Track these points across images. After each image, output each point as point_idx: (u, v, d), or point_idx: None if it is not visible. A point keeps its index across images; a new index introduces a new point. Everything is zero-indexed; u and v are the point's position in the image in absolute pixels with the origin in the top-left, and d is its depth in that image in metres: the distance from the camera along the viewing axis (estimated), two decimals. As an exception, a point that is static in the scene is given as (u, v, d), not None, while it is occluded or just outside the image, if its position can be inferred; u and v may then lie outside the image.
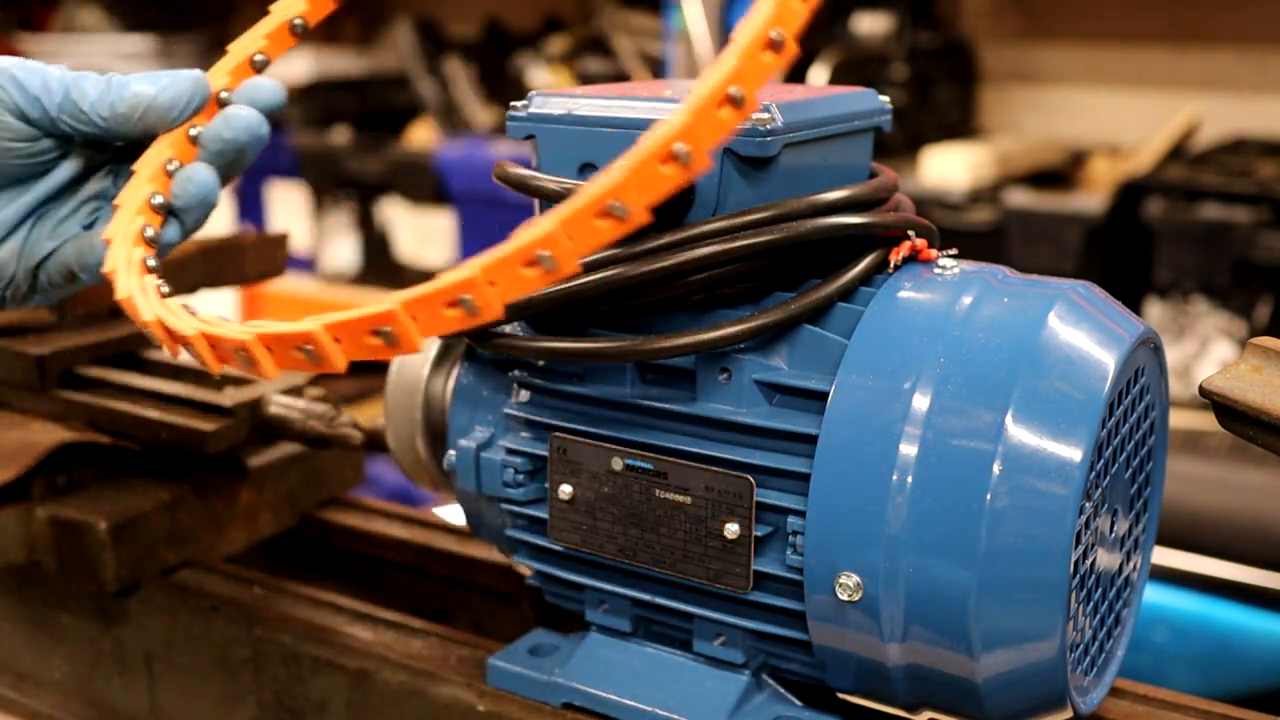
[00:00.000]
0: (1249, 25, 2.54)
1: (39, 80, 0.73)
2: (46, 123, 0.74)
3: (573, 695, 0.75)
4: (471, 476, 0.77)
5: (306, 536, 1.06)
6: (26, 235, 0.77)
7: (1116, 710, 0.75)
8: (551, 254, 0.54)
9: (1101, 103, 2.69)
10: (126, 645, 0.93)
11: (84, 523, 0.89)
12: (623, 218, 0.54)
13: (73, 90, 0.73)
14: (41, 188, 0.77)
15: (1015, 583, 0.61)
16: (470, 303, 0.55)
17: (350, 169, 2.96)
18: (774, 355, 0.69)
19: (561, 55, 2.97)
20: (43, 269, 0.77)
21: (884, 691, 0.68)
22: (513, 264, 0.55)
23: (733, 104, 0.55)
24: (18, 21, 3.88)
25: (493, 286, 0.55)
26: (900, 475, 0.62)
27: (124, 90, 0.74)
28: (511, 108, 0.74)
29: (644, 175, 0.54)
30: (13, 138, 0.74)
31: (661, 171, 0.54)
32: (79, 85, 0.74)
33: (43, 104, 0.73)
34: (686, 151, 0.53)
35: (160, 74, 0.75)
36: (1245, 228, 1.96)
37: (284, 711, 0.85)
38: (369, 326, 0.57)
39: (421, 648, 0.83)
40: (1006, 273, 0.70)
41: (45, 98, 0.73)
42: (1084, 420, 0.61)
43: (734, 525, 0.68)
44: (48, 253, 0.77)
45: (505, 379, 0.77)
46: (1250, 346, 0.67)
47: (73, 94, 0.73)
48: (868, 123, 0.75)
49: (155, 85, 0.74)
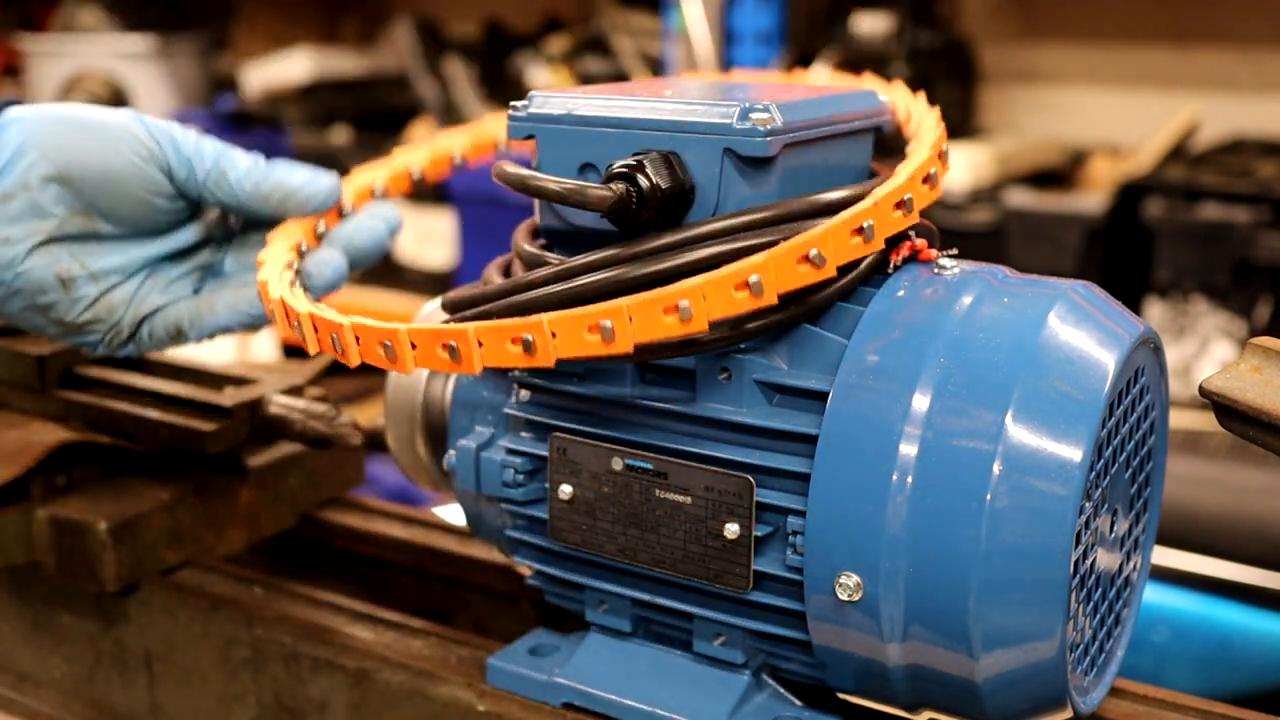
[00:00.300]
0: (1249, 25, 2.54)
1: (194, 145, 0.80)
2: (192, 186, 0.80)
3: (573, 695, 0.75)
4: (471, 476, 0.77)
5: (306, 536, 1.06)
6: (139, 286, 0.82)
7: (1116, 710, 0.75)
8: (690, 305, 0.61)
9: (1101, 103, 2.68)
10: (126, 645, 0.93)
11: (84, 523, 0.89)
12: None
13: (223, 160, 0.80)
14: (165, 244, 0.83)
15: (1015, 583, 0.61)
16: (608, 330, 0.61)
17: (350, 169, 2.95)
18: (774, 355, 0.69)
19: (561, 55, 2.97)
20: (148, 322, 0.83)
21: (884, 691, 0.68)
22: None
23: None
24: (18, 21, 3.88)
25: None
26: (900, 475, 0.62)
27: (270, 173, 0.81)
28: (512, 108, 0.74)
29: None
30: (158, 193, 0.79)
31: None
32: (229, 157, 0.80)
33: (193, 167, 0.79)
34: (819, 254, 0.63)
35: (300, 168, 0.82)
36: (1245, 228, 1.96)
37: (284, 711, 0.85)
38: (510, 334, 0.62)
39: (421, 648, 0.83)
40: (1006, 273, 0.70)
41: (197, 162, 0.79)
42: (1084, 420, 0.61)
43: (734, 525, 0.68)
44: (155, 308, 0.83)
45: (505, 379, 0.77)
46: (1250, 346, 0.67)
47: (222, 163, 0.80)
48: (868, 123, 0.75)
49: (298, 177, 0.81)
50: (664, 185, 0.67)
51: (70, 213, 0.77)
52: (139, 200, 0.78)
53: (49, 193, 0.76)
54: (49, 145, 0.75)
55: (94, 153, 0.76)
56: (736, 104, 0.67)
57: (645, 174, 0.67)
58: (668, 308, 0.61)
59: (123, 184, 0.77)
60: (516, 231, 0.77)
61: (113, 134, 0.77)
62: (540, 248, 0.74)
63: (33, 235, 0.76)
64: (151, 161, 0.77)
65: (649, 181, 0.67)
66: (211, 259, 0.85)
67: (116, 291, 0.80)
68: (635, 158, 0.67)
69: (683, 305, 0.60)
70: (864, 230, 0.64)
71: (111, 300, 0.80)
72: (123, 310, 0.81)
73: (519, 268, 0.75)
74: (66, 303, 0.79)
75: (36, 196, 0.76)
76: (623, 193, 0.66)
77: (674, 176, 0.67)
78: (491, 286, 0.73)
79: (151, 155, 0.77)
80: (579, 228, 0.72)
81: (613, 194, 0.66)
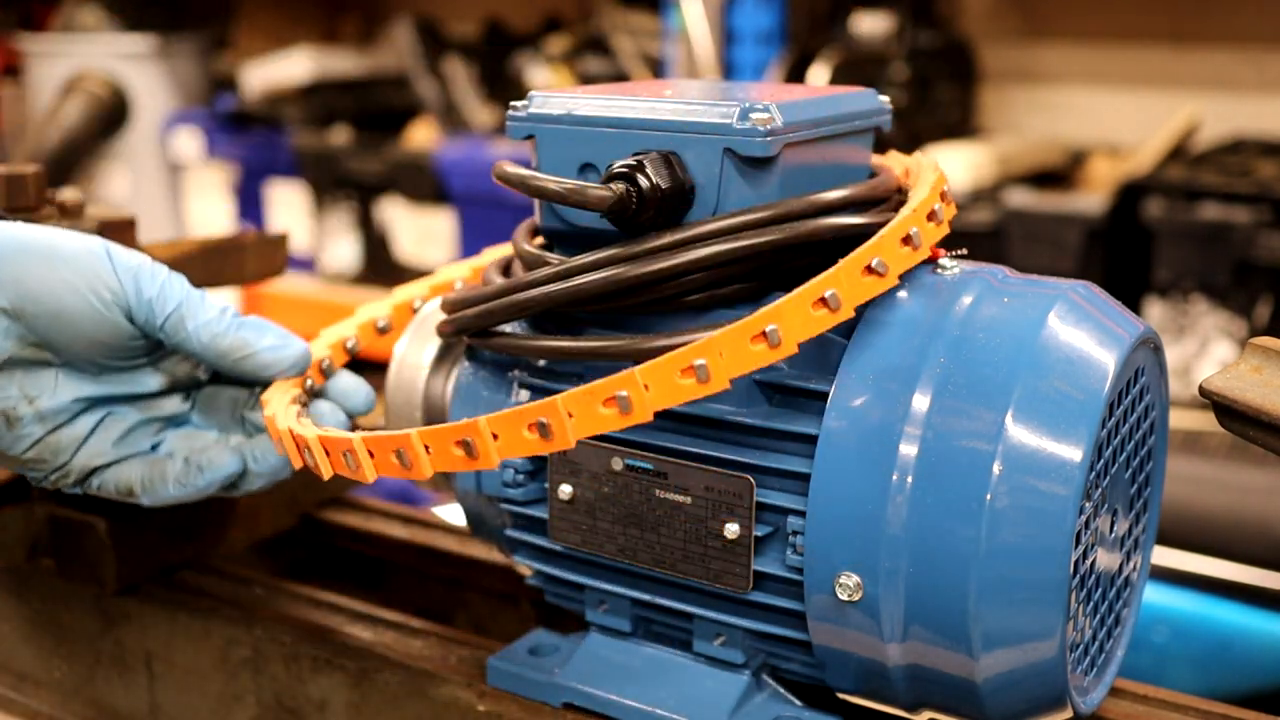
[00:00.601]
0: (1249, 25, 2.54)
1: (158, 287, 0.74)
2: (150, 328, 0.75)
3: (573, 695, 0.75)
4: (471, 476, 0.77)
5: (306, 536, 1.06)
6: (91, 430, 0.77)
7: (1116, 710, 0.75)
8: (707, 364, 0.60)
9: (1101, 103, 2.68)
10: (126, 645, 0.93)
11: (84, 523, 0.89)
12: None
13: (185, 306, 0.74)
14: (122, 386, 0.78)
15: (1015, 583, 0.61)
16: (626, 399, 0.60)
17: (350, 169, 2.95)
18: (774, 355, 0.69)
19: (561, 55, 2.97)
20: (99, 474, 0.78)
21: (884, 691, 0.68)
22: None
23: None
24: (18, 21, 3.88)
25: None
26: (900, 475, 0.62)
27: (233, 330, 0.75)
28: (511, 108, 0.74)
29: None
30: (112, 334, 0.74)
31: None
32: (193, 304, 0.75)
33: (152, 310, 0.74)
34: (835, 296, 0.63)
35: (272, 328, 0.77)
36: (1245, 228, 1.96)
37: (284, 711, 0.85)
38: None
39: (421, 648, 0.83)
40: (1006, 273, 0.70)
41: (158, 305, 0.74)
42: (1084, 420, 0.61)
43: (734, 525, 0.68)
44: (107, 462, 0.77)
45: (505, 379, 0.77)
46: (1250, 346, 0.67)
47: (184, 309, 0.74)
48: (868, 123, 0.75)
49: (264, 339, 0.76)
50: (664, 185, 0.67)
51: (20, 345, 0.73)
52: (94, 340, 0.74)
53: (1, 324, 0.72)
54: (6, 276, 0.71)
55: (54, 289, 0.72)
56: (736, 104, 0.67)
57: (645, 174, 0.67)
58: (684, 369, 0.60)
59: (78, 324, 0.73)
60: (516, 232, 0.77)
61: (75, 270, 0.72)
62: (540, 248, 0.74)
63: None
64: (113, 304, 0.73)
65: (649, 181, 0.67)
66: (176, 410, 0.81)
67: (63, 433, 0.76)
68: (635, 158, 0.67)
69: (699, 364, 0.59)
70: (827, 301, 0.63)
71: (58, 442, 0.76)
72: (69, 454, 0.76)
73: (519, 268, 0.75)
74: (10, 438, 0.75)
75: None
76: (623, 193, 0.66)
77: (674, 176, 0.67)
78: (491, 286, 0.73)
79: (114, 297, 0.73)
80: (579, 228, 0.72)
81: (613, 194, 0.66)
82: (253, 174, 3.17)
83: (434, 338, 0.82)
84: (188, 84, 3.48)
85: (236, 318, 0.75)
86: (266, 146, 3.13)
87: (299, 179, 3.08)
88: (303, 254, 3.09)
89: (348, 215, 3.03)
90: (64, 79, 3.38)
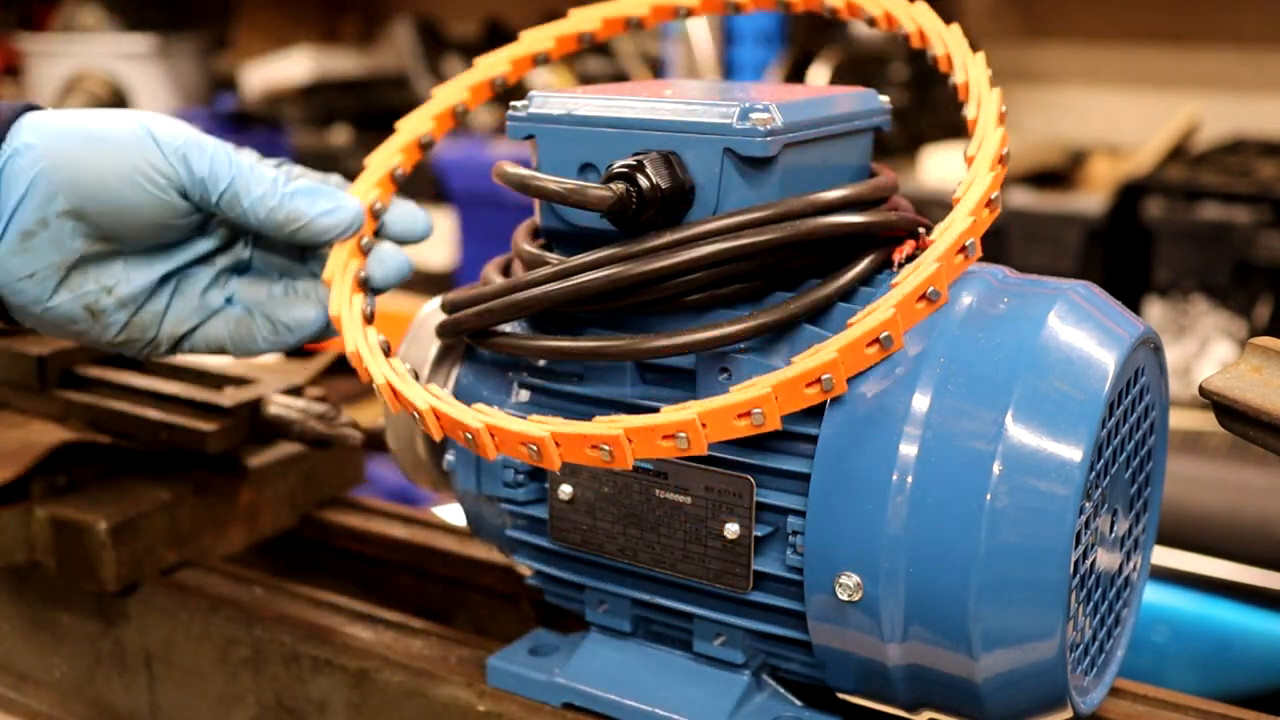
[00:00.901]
0: (1249, 25, 2.54)
1: (208, 164, 0.76)
2: (206, 205, 0.77)
3: (573, 695, 0.75)
4: (471, 477, 0.77)
5: (306, 536, 1.06)
6: (169, 301, 0.80)
7: (1116, 710, 0.75)
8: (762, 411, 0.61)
9: (1101, 103, 2.69)
10: (126, 645, 0.93)
11: (84, 523, 0.89)
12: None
13: (238, 181, 0.76)
14: (182, 256, 0.81)
15: (1015, 583, 0.61)
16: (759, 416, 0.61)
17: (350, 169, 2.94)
18: (774, 355, 0.69)
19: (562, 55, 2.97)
20: (188, 339, 0.82)
21: (884, 691, 0.68)
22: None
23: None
24: (18, 21, 3.88)
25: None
26: (900, 475, 0.62)
27: (286, 201, 0.77)
28: (511, 108, 0.74)
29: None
30: (172, 215, 0.77)
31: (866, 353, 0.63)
32: (244, 179, 0.77)
33: (206, 188, 0.76)
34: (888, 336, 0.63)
35: (323, 192, 0.79)
36: (1245, 228, 1.96)
37: (284, 711, 0.85)
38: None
39: (421, 648, 0.83)
40: (1006, 273, 0.70)
41: (210, 183, 0.76)
42: (1084, 420, 0.61)
43: (734, 525, 0.68)
44: (194, 325, 0.81)
45: (505, 379, 0.77)
46: (1250, 346, 0.67)
47: (237, 185, 0.76)
48: (868, 123, 0.75)
49: (316, 206, 0.78)
50: (664, 185, 0.67)
51: (90, 242, 0.76)
52: (157, 224, 0.76)
53: (68, 227, 0.75)
54: (64, 178, 0.74)
55: (109, 184, 0.74)
56: (736, 104, 0.67)
57: (645, 174, 0.67)
58: (740, 413, 0.61)
59: (139, 212, 0.75)
60: (516, 232, 0.77)
61: (126, 160, 0.74)
62: (540, 248, 0.74)
63: (57, 271, 0.76)
64: (168, 188, 0.75)
65: (649, 181, 0.67)
66: (239, 258, 0.84)
67: (146, 311, 0.79)
68: (635, 158, 0.67)
69: (755, 413, 0.61)
70: (881, 341, 0.63)
71: (143, 320, 0.79)
72: (155, 328, 0.80)
73: (519, 268, 0.75)
74: (98, 329, 0.78)
75: (56, 233, 0.74)
76: (623, 193, 0.66)
77: (674, 176, 0.67)
78: (491, 286, 0.73)
79: (168, 181, 0.75)
80: (579, 228, 0.72)
81: (613, 194, 0.66)
82: (252, 174, 3.17)
83: (433, 338, 0.82)
84: (188, 84, 3.48)
85: (289, 184, 0.78)
86: (266, 146, 3.11)
87: (299, 179, 3.08)
88: (303, 254, 3.08)
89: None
90: (64, 79, 3.38)
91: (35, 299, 0.76)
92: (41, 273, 0.75)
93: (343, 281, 0.77)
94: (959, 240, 0.66)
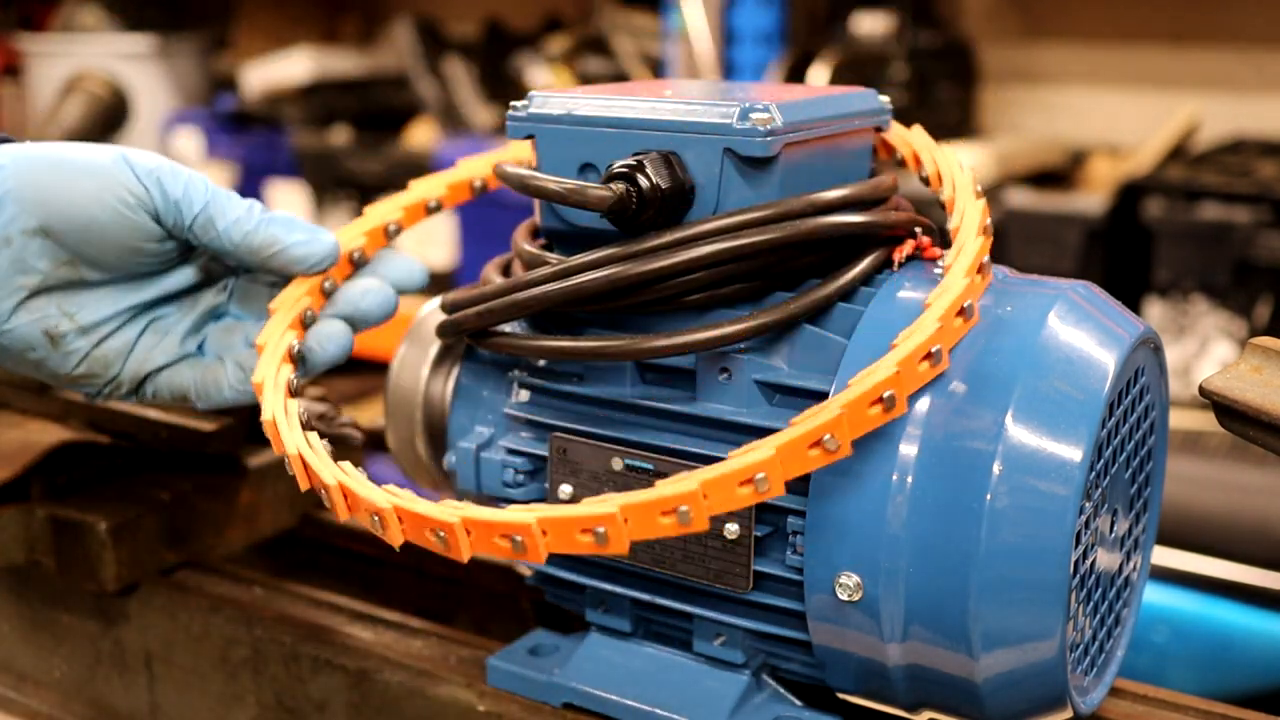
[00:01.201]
0: (1249, 25, 2.54)
1: (182, 188, 0.74)
2: (179, 230, 0.75)
3: (573, 695, 0.75)
4: (471, 476, 0.77)
5: (306, 536, 1.06)
6: (136, 338, 0.78)
7: (1116, 710, 0.75)
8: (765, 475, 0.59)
9: (1101, 103, 2.68)
10: (126, 645, 0.93)
11: (84, 523, 0.89)
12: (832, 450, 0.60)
13: (212, 206, 0.74)
14: (156, 288, 0.78)
15: (1015, 583, 0.61)
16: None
17: (350, 169, 2.96)
18: (774, 355, 0.69)
19: (561, 55, 2.97)
20: (151, 380, 0.78)
21: (884, 691, 0.68)
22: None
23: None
24: (17, 21, 3.88)
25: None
26: (900, 475, 0.62)
27: (262, 226, 0.75)
28: (511, 108, 0.74)
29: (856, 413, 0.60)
30: (146, 239, 0.75)
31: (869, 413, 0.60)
32: (219, 204, 0.75)
33: (180, 211, 0.74)
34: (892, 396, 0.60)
35: (300, 224, 0.77)
36: (1245, 228, 1.96)
37: (284, 711, 0.85)
38: (580, 526, 0.58)
39: (421, 648, 0.83)
40: (1006, 273, 0.70)
41: (184, 206, 0.74)
42: (1084, 420, 0.61)
43: (734, 525, 0.68)
44: (159, 366, 0.78)
45: (505, 379, 0.77)
46: (1250, 346, 0.67)
47: (211, 209, 0.74)
48: (868, 123, 0.75)
49: (292, 235, 0.76)
50: (664, 185, 0.67)
51: (55, 264, 0.73)
52: (126, 248, 0.74)
53: (33, 246, 0.72)
54: (31, 197, 0.72)
55: (79, 203, 0.72)
56: (736, 104, 0.67)
57: (645, 174, 0.67)
58: (743, 480, 0.58)
59: (108, 233, 0.73)
60: (516, 232, 0.77)
61: (98, 181, 0.73)
62: (540, 248, 0.74)
63: (17, 291, 0.73)
64: (139, 208, 0.73)
65: (649, 181, 0.67)
66: (214, 301, 0.81)
67: (110, 344, 0.77)
68: (635, 158, 0.67)
69: (759, 478, 0.58)
70: (884, 400, 0.61)
71: (106, 353, 0.77)
72: (119, 364, 0.77)
73: (519, 267, 0.75)
74: (57, 358, 0.75)
75: (19, 252, 0.72)
76: (623, 193, 0.66)
77: (674, 176, 0.67)
78: (491, 286, 0.73)
79: (139, 202, 0.73)
80: (579, 228, 0.72)
81: (613, 194, 0.66)
82: (253, 174, 3.17)
83: (433, 338, 0.82)
84: (188, 84, 3.48)
85: (265, 213, 0.76)
86: (266, 146, 3.13)
87: (299, 179, 3.08)
88: (303, 254, 3.09)
89: (347, 215, 3.03)
90: (64, 79, 3.37)
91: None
92: (2, 294, 0.73)
93: (275, 349, 0.74)
94: (925, 345, 0.62)
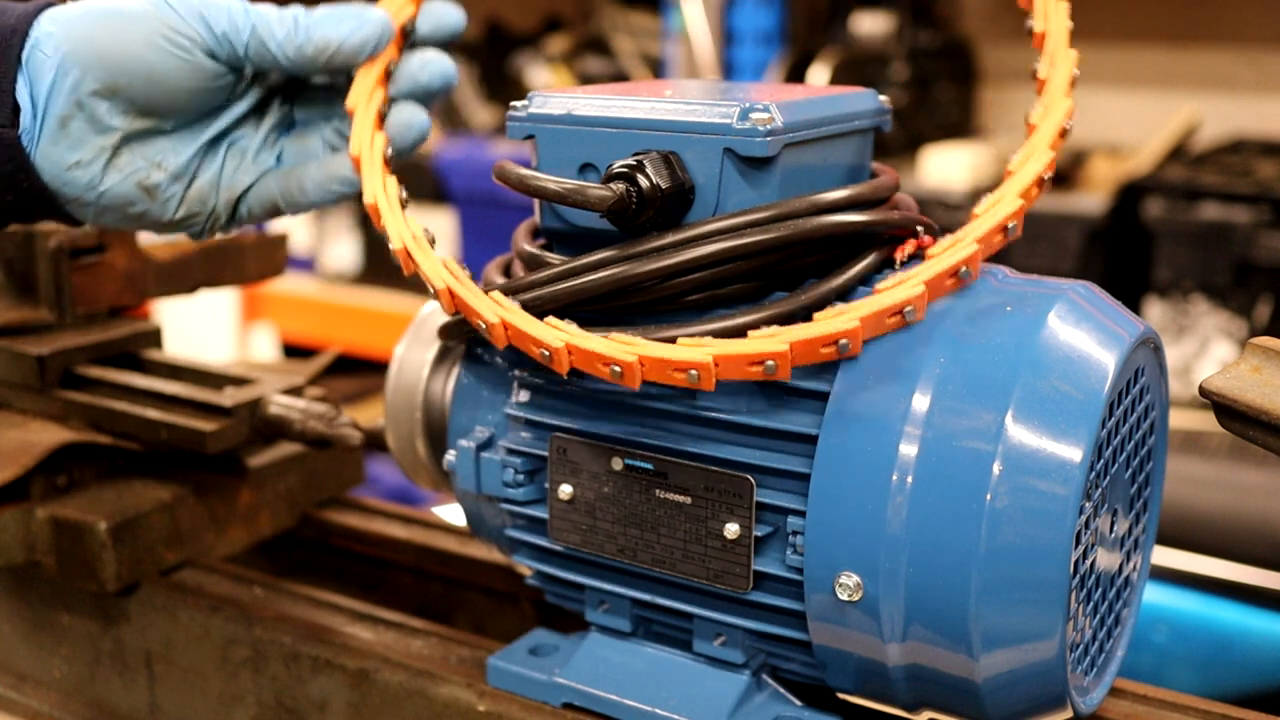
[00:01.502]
0: (1249, 25, 2.54)
1: (225, 19, 0.76)
2: (234, 61, 0.76)
3: (573, 695, 0.75)
4: (471, 476, 0.77)
5: (306, 536, 1.06)
6: (221, 168, 0.80)
7: (1116, 710, 0.75)
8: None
9: (1101, 103, 2.68)
10: (126, 645, 0.93)
11: (84, 523, 0.89)
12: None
13: (260, 28, 0.76)
14: (227, 117, 0.80)
15: (1015, 583, 0.61)
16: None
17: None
18: (774, 355, 0.68)
19: (561, 55, 2.97)
20: (243, 202, 0.81)
21: (884, 691, 0.68)
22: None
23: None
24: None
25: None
26: (900, 475, 0.62)
27: (311, 33, 0.76)
28: (511, 108, 0.74)
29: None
30: (207, 77, 0.76)
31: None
32: (265, 24, 0.76)
33: (231, 43, 0.75)
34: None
35: (345, 12, 0.77)
36: (1245, 228, 1.96)
37: (284, 711, 0.85)
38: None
39: (421, 648, 0.83)
40: (1006, 273, 0.70)
41: (233, 36, 0.76)
42: (1084, 420, 0.61)
43: (734, 525, 0.68)
44: (247, 186, 0.81)
45: (505, 379, 0.77)
46: (1250, 346, 0.67)
47: (260, 32, 0.76)
48: (868, 123, 0.75)
49: (342, 28, 0.77)
50: (664, 185, 0.67)
51: (129, 119, 0.75)
52: (191, 90, 0.76)
53: (103, 106, 0.74)
54: (89, 58, 0.73)
55: (136, 53, 0.74)
56: (736, 104, 0.67)
57: (645, 174, 0.67)
58: (754, 361, 0.63)
59: (170, 79, 0.75)
60: (516, 232, 0.77)
61: (148, 30, 0.74)
62: (540, 248, 0.74)
63: (101, 153, 0.75)
64: (193, 49, 0.75)
65: (649, 181, 0.67)
66: (281, 115, 0.83)
67: (200, 181, 0.79)
68: (635, 158, 0.67)
69: (768, 364, 0.63)
70: (904, 314, 0.65)
71: (200, 191, 0.79)
72: (214, 196, 0.79)
73: (519, 268, 0.75)
74: (157, 208, 0.78)
75: (92, 113, 0.74)
76: (623, 193, 0.66)
77: (674, 176, 0.67)
78: (491, 287, 0.73)
79: (192, 43, 0.74)
80: (579, 228, 0.72)
81: (613, 194, 0.66)
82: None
83: (434, 338, 0.82)
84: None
85: (307, 17, 0.77)
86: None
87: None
88: (303, 254, 3.09)
89: (348, 215, 3.03)
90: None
91: (88, 185, 0.75)
92: (87, 157, 0.75)
93: (365, 113, 0.75)
94: (1004, 221, 0.66)
